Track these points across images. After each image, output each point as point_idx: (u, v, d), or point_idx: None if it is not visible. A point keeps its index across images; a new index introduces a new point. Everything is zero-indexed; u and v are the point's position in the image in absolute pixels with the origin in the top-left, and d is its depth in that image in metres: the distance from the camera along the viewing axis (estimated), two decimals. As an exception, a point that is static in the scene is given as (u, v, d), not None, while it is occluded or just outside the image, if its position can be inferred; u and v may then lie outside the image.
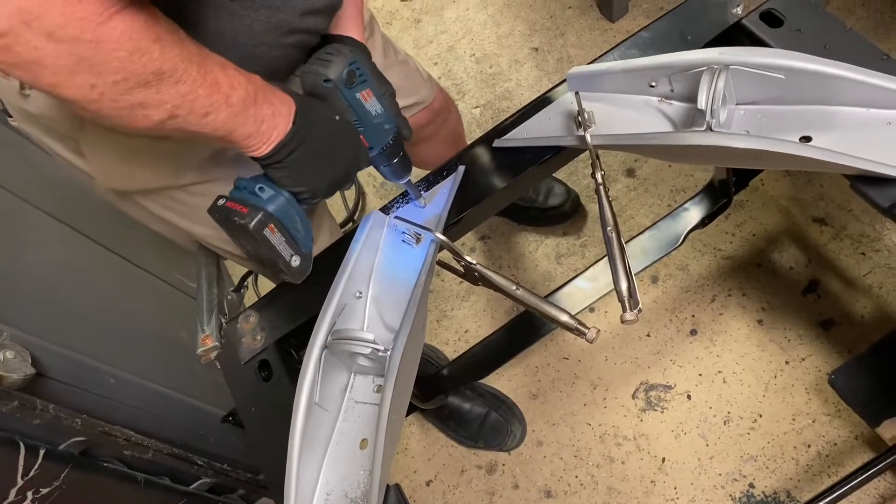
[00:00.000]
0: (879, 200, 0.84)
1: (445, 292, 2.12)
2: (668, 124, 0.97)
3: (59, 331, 1.34)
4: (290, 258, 0.95)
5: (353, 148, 0.94)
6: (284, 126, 0.84)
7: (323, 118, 0.89)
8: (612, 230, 0.92)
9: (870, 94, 0.84)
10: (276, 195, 0.90)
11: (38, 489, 1.14)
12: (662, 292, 1.89)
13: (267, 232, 0.89)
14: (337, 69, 0.89)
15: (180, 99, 0.72)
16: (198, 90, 0.73)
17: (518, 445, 1.87)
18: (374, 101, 0.94)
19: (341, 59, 0.90)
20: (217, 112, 0.77)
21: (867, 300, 1.71)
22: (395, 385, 0.84)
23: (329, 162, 0.92)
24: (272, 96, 0.84)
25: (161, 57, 0.68)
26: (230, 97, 0.77)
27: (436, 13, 2.62)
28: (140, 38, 0.65)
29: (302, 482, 0.85)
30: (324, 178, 0.92)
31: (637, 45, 1.09)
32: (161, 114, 0.72)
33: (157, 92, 0.70)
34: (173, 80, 0.70)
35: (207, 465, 1.57)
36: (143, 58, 0.66)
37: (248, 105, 0.79)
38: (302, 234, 0.95)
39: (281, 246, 0.92)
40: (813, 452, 1.62)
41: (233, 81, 0.78)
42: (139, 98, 0.69)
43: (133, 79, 0.67)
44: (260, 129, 0.82)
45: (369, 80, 0.93)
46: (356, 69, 0.91)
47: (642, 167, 2.06)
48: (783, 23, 1.02)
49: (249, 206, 0.88)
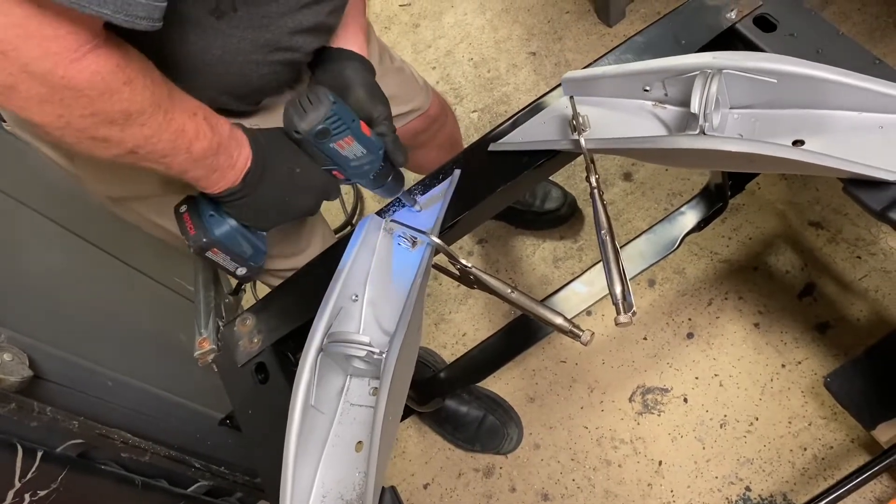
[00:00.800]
0: (871, 204, 0.85)
1: (443, 296, 2.13)
2: (663, 128, 0.98)
3: (56, 333, 1.34)
4: (235, 269, 0.98)
5: (310, 196, 0.95)
6: (234, 178, 0.86)
7: (277, 172, 0.90)
8: (606, 233, 0.92)
9: (862, 97, 0.85)
10: (223, 222, 0.92)
11: (35, 491, 1.15)
12: (659, 296, 1.89)
13: (209, 253, 0.93)
14: (309, 124, 0.86)
15: (143, 140, 0.74)
16: (161, 134, 0.75)
17: (515, 449, 1.88)
18: (353, 146, 0.92)
19: (317, 114, 0.86)
20: (175, 156, 0.79)
21: (863, 303, 1.71)
22: (390, 387, 0.84)
23: (278, 210, 0.94)
24: (234, 148, 0.85)
25: (130, 98, 0.70)
26: (192, 146, 0.79)
27: (434, 18, 2.63)
28: (111, 79, 0.67)
29: (298, 484, 0.86)
30: (271, 220, 0.96)
31: (631, 50, 1.09)
32: (121, 150, 0.74)
33: (121, 130, 0.72)
34: (139, 123, 0.72)
35: (205, 468, 1.57)
36: (112, 98, 0.68)
37: (207, 155, 0.81)
38: (249, 253, 0.97)
39: (225, 262, 0.96)
40: (809, 455, 1.63)
41: (199, 131, 0.80)
42: (103, 133, 0.71)
43: (100, 116, 0.69)
44: (211, 175, 0.84)
45: (351, 129, 0.90)
46: (331, 125, 0.87)
47: (639, 171, 2.07)
48: (776, 27, 1.02)
49: (197, 229, 0.91)
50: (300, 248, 1.28)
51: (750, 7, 1.05)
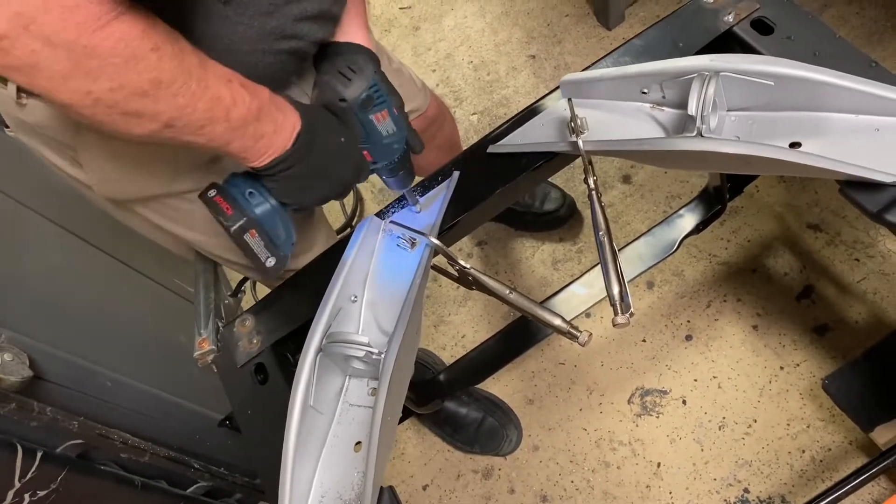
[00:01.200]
0: (868, 205, 0.85)
1: (443, 298, 2.13)
2: (660, 130, 0.98)
3: (57, 334, 1.35)
4: (266, 259, 0.94)
5: (352, 169, 0.94)
6: (282, 144, 0.84)
7: (325, 140, 0.89)
8: (604, 235, 0.93)
9: (858, 100, 0.85)
10: (264, 202, 0.90)
11: (35, 491, 1.15)
12: (658, 298, 1.90)
13: (247, 236, 0.89)
14: (355, 91, 0.87)
15: (178, 111, 0.72)
16: (196, 104, 0.73)
17: (514, 450, 1.88)
18: (387, 122, 0.92)
19: (362, 81, 0.87)
20: (214, 125, 0.76)
21: (861, 306, 1.72)
22: (388, 388, 0.85)
23: (323, 181, 0.92)
24: (277, 113, 0.83)
25: (158, 66, 0.68)
26: (230, 113, 0.77)
27: (434, 21, 2.64)
28: (137, 45, 0.65)
29: (296, 484, 0.86)
30: (315, 195, 0.93)
31: (629, 53, 1.10)
32: (156, 124, 0.72)
33: (153, 102, 0.69)
34: (171, 92, 0.70)
35: (204, 469, 1.57)
36: (138, 66, 0.66)
37: (248, 122, 0.79)
38: (283, 239, 0.95)
39: (258, 248, 0.92)
40: (807, 457, 1.63)
41: (235, 97, 0.77)
42: (135, 107, 0.69)
43: (129, 87, 0.67)
44: (257, 144, 0.82)
45: (387, 102, 0.91)
46: (374, 93, 0.88)
47: (638, 173, 2.08)
48: (774, 30, 1.03)
49: (235, 209, 0.88)
50: (303, 248, 1.28)
51: (747, 10, 1.05)
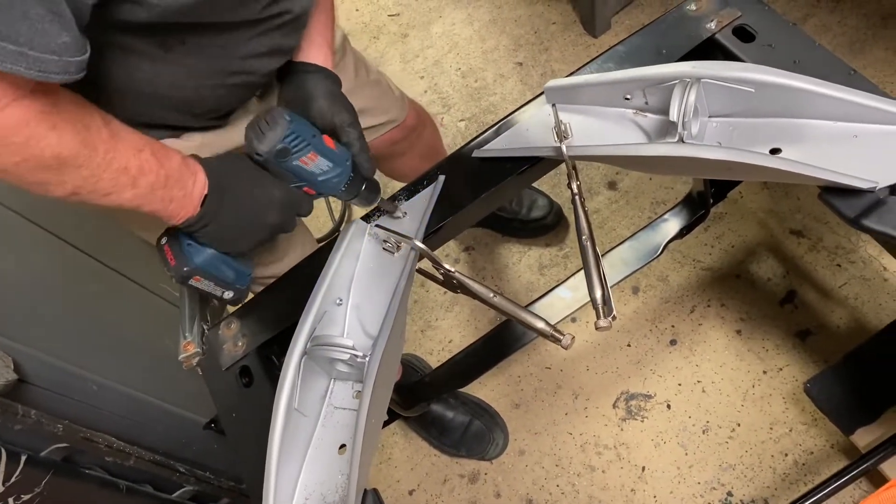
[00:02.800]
0: (846, 211, 0.86)
1: (430, 303, 2.14)
2: (643, 136, 1.00)
3: (42, 337, 1.34)
4: (222, 293, 1.00)
5: (276, 214, 0.95)
6: (192, 207, 0.87)
7: (237, 196, 0.91)
8: (587, 239, 0.94)
9: (837, 107, 0.87)
10: (202, 250, 0.94)
11: (19, 495, 1.14)
12: (643, 303, 1.91)
13: (192, 282, 0.95)
14: (267, 146, 0.88)
15: (82, 181, 0.76)
16: (101, 174, 0.76)
17: (500, 454, 1.89)
18: (318, 161, 0.93)
19: (274, 134, 0.87)
20: (121, 193, 0.80)
21: (843, 311, 1.74)
22: (373, 390, 0.85)
23: (245, 232, 0.95)
24: (187, 178, 0.86)
25: (59, 144, 0.71)
26: (137, 181, 0.80)
27: (422, 28, 2.65)
28: (34, 127, 0.68)
29: (280, 486, 0.86)
30: (243, 244, 0.96)
31: (613, 59, 1.11)
32: (63, 192, 0.76)
33: (57, 174, 0.73)
34: (74, 165, 0.73)
35: (190, 473, 1.57)
36: (39, 143, 0.69)
37: (155, 188, 0.82)
38: (231, 278, 0.99)
39: (210, 288, 0.97)
40: (790, 461, 1.65)
41: (144, 166, 0.80)
42: (39, 178, 0.73)
43: (32, 161, 0.70)
44: (168, 207, 0.85)
45: (311, 145, 0.91)
46: (291, 143, 0.88)
47: (623, 180, 2.09)
48: (755, 38, 1.04)
49: (178, 259, 0.93)
50: (277, 256, 1.29)
51: (729, 18, 1.07)
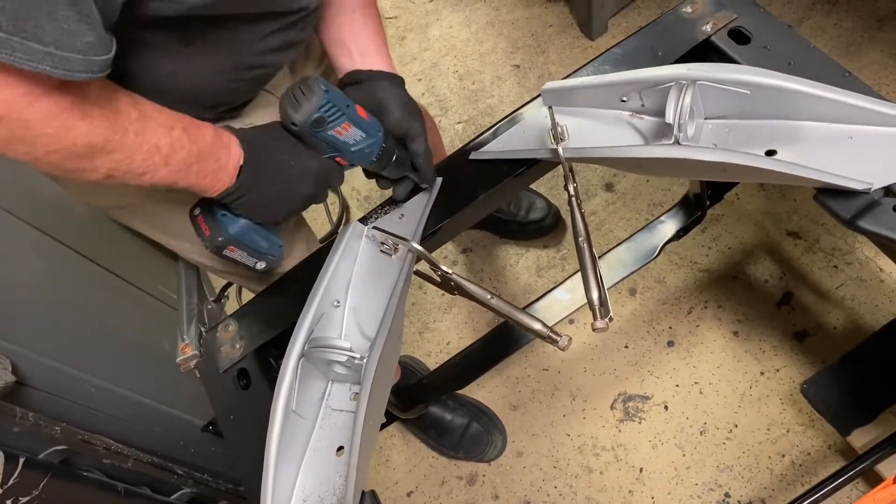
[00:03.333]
0: (841, 212, 0.87)
1: (427, 305, 2.14)
2: (639, 138, 1.00)
3: (40, 340, 1.34)
4: (255, 264, 1.00)
5: (311, 184, 0.95)
6: (228, 179, 0.88)
7: (272, 166, 0.91)
8: (583, 241, 0.94)
9: (831, 109, 0.87)
10: (236, 221, 0.94)
11: (17, 498, 1.14)
12: (640, 304, 1.92)
13: (227, 252, 0.95)
14: (304, 115, 0.87)
15: (115, 164, 0.76)
16: (133, 155, 0.77)
17: (499, 456, 1.89)
18: (352, 131, 0.93)
19: (310, 103, 0.87)
20: (155, 171, 0.80)
21: (839, 312, 1.74)
22: (370, 392, 0.85)
23: (280, 202, 0.95)
24: (220, 151, 0.86)
25: (89, 132, 0.72)
26: (170, 159, 0.81)
27: (420, 31, 2.65)
28: (66, 118, 0.69)
29: (278, 488, 0.86)
30: (278, 213, 0.96)
31: (610, 61, 1.11)
32: (97, 175, 0.77)
33: (90, 161, 0.74)
34: (106, 151, 0.74)
35: (188, 475, 1.57)
36: (70, 134, 0.70)
37: (189, 164, 0.83)
38: (265, 247, 0.99)
39: (243, 258, 0.98)
40: (787, 462, 1.65)
41: (175, 144, 0.81)
42: (73, 165, 0.74)
43: (64, 151, 0.71)
44: (203, 182, 0.86)
45: (347, 115, 0.91)
46: (326, 113, 0.88)
47: (621, 182, 2.10)
48: (750, 40, 1.05)
49: (212, 229, 0.93)
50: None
51: (725, 20, 1.07)
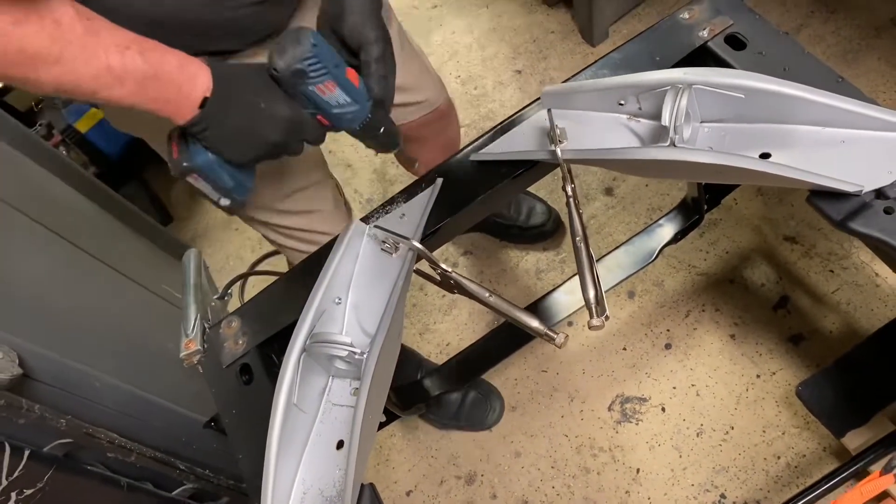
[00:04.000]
0: (832, 214, 0.88)
1: (428, 306, 2.16)
2: (636, 140, 1.02)
3: (46, 334, 1.36)
4: (218, 199, 0.97)
5: (277, 132, 0.92)
6: (191, 109, 0.86)
7: (241, 104, 0.89)
8: (580, 240, 0.96)
9: (825, 113, 0.89)
10: (204, 153, 0.92)
11: (21, 490, 1.16)
12: (638, 307, 1.93)
13: (191, 178, 0.93)
14: (286, 62, 0.86)
15: (59, 77, 0.75)
16: (79, 70, 0.76)
17: (498, 421, 1.92)
18: (336, 93, 0.91)
19: (295, 52, 0.86)
20: (108, 91, 0.79)
21: (835, 316, 1.76)
22: (370, 387, 0.87)
23: (246, 142, 0.92)
24: (183, 79, 0.85)
25: (22, 39, 0.70)
26: (123, 80, 0.79)
27: (422, 36, 2.68)
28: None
29: (279, 481, 0.88)
30: (243, 153, 0.94)
31: (608, 65, 1.13)
32: (46, 88, 0.76)
33: (32, 71, 0.73)
34: (46, 62, 0.73)
35: (190, 471, 1.58)
36: (2, 39, 0.69)
37: (144, 87, 0.81)
38: (231, 185, 0.96)
39: (207, 190, 0.96)
40: (783, 463, 1.66)
41: (128, 64, 0.79)
42: (16, 73, 0.73)
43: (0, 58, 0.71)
44: (164, 108, 0.84)
45: (330, 74, 0.89)
46: (309, 66, 0.87)
47: (620, 186, 2.12)
48: (746, 46, 1.07)
49: (180, 153, 0.92)
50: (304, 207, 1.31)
51: (721, 26, 1.09)
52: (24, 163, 1.69)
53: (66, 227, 1.57)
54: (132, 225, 2.13)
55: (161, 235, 2.28)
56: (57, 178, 1.81)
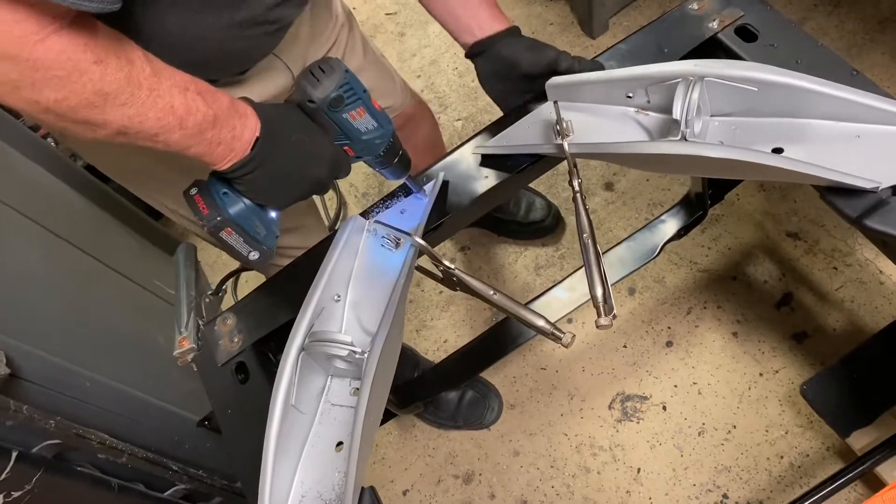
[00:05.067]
0: (848, 211, 0.86)
1: (425, 302, 2.13)
2: (644, 134, 0.99)
3: (34, 333, 1.33)
4: (248, 254, 0.95)
5: (324, 168, 0.93)
6: (242, 150, 0.84)
7: (288, 143, 0.89)
8: (588, 237, 0.93)
9: (839, 107, 0.87)
10: (237, 202, 0.90)
11: (9, 492, 1.13)
12: (639, 304, 1.91)
13: (223, 234, 0.91)
14: (323, 92, 0.86)
15: (127, 120, 0.73)
16: (147, 113, 0.74)
17: (496, 420, 1.90)
18: (365, 119, 0.92)
19: (331, 81, 0.87)
20: (169, 134, 0.77)
21: (839, 313, 1.74)
22: (371, 387, 0.84)
23: (290, 183, 0.92)
24: (236, 120, 0.83)
25: (102, 79, 0.69)
26: (184, 121, 0.78)
27: (420, 27, 2.64)
28: (79, 59, 0.66)
29: (277, 483, 0.85)
30: (285, 195, 0.93)
31: (615, 57, 1.11)
32: (107, 132, 0.73)
33: (101, 112, 0.71)
34: (118, 103, 0.71)
35: (182, 471, 1.55)
36: (82, 78, 0.67)
37: (204, 129, 0.80)
38: (263, 235, 0.95)
39: (238, 244, 0.93)
40: (786, 463, 1.64)
41: (191, 106, 0.78)
42: (83, 116, 0.70)
43: (74, 98, 0.68)
44: (215, 150, 0.82)
45: (361, 99, 0.90)
46: (345, 93, 0.88)
47: (620, 181, 2.09)
48: (757, 38, 1.04)
49: (211, 208, 0.89)
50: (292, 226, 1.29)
51: (731, 17, 1.07)
52: (10, 154, 1.65)
53: (54, 220, 1.54)
54: (122, 219, 2.08)
55: (152, 230, 2.24)
56: (45, 170, 1.77)
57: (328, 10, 1.23)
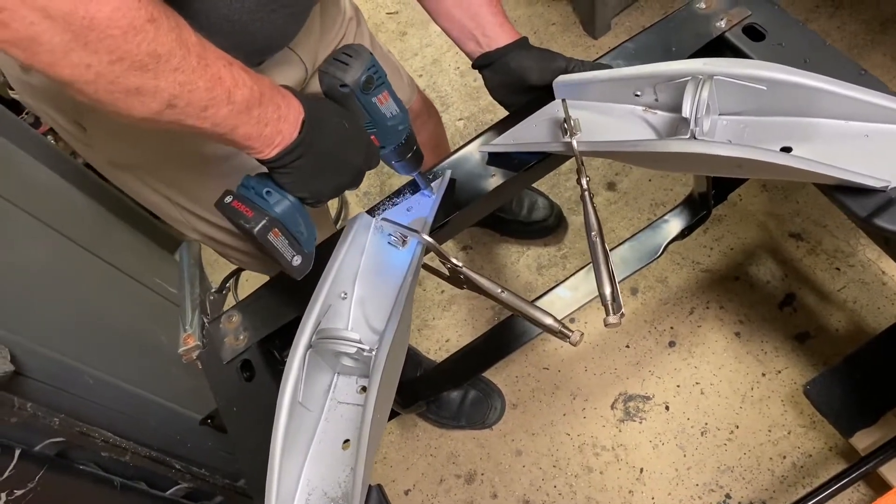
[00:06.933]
0: (857, 210, 0.86)
1: (427, 301, 2.12)
2: (652, 133, 0.99)
3: (38, 330, 1.33)
4: (292, 258, 0.93)
5: (361, 154, 0.91)
6: (290, 132, 0.82)
7: (331, 127, 0.87)
8: (596, 235, 0.94)
9: (848, 106, 0.87)
10: (282, 199, 0.88)
11: (12, 490, 1.13)
12: (642, 304, 1.91)
13: (271, 236, 0.88)
14: (354, 74, 0.86)
15: (178, 88, 0.70)
16: (197, 81, 0.71)
17: (499, 420, 1.90)
18: (390, 104, 0.92)
19: (360, 63, 0.86)
20: (217, 107, 0.74)
21: (841, 314, 1.74)
22: (379, 385, 0.84)
23: (335, 169, 0.90)
24: (280, 100, 0.81)
25: (156, 38, 0.66)
26: (232, 94, 0.75)
27: (421, 26, 2.64)
28: (133, 16, 0.64)
29: (283, 481, 0.85)
30: (329, 184, 0.90)
31: (623, 56, 1.11)
32: (158, 102, 0.70)
33: (154, 77, 0.68)
34: (171, 67, 0.68)
35: (185, 470, 1.55)
36: (136, 37, 0.64)
37: (251, 105, 0.77)
38: (305, 236, 0.93)
39: (283, 248, 0.91)
40: (788, 463, 1.64)
41: (237, 79, 0.76)
42: (135, 82, 0.67)
43: (128, 59, 0.65)
44: (263, 131, 0.79)
45: (386, 83, 0.90)
46: (374, 74, 0.88)
47: (623, 181, 2.09)
48: (765, 37, 1.04)
49: (255, 210, 0.86)
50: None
51: (739, 17, 1.07)
52: (11, 151, 1.64)
53: (57, 217, 1.53)
54: (124, 216, 2.07)
55: (153, 227, 2.23)
56: (46, 167, 1.76)
57: (336, 4, 1.23)
